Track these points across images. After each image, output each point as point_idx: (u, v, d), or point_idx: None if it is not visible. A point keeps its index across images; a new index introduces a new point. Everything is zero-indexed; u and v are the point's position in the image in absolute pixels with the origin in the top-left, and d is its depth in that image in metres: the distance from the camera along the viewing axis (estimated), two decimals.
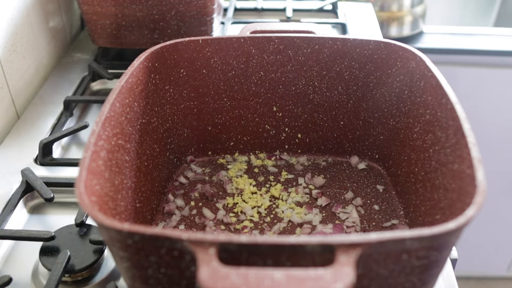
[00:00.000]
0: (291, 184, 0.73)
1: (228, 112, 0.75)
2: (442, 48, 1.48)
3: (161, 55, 0.67)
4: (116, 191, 0.53)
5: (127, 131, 0.59)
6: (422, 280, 0.44)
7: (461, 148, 0.51)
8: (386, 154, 0.73)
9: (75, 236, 0.62)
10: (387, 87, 0.70)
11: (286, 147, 0.78)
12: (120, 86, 0.58)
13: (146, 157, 0.64)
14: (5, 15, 0.86)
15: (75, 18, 1.17)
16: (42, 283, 0.59)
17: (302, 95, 0.74)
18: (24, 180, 0.71)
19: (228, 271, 0.36)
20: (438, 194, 0.55)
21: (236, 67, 0.72)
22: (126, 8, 0.93)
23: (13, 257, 0.64)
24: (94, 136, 0.50)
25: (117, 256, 0.45)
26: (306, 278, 0.35)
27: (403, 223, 0.66)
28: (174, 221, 0.67)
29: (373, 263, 0.41)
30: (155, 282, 0.44)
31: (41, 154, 0.77)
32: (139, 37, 0.97)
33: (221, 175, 0.74)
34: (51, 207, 0.72)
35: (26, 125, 0.86)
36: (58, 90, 0.95)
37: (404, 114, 0.68)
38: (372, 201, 0.70)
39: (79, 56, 1.07)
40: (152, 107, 0.67)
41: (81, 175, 0.45)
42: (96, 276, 0.60)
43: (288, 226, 0.66)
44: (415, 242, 0.39)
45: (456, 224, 0.40)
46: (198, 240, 0.37)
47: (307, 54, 0.71)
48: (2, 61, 0.85)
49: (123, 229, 0.39)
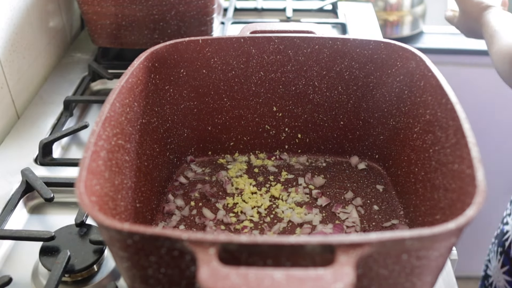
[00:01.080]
0: (291, 184, 0.73)
1: (228, 112, 0.75)
2: (442, 48, 1.48)
3: (161, 55, 0.67)
4: (116, 191, 0.53)
5: (127, 131, 0.59)
6: (422, 280, 0.44)
7: (461, 148, 0.51)
8: (386, 154, 0.73)
9: (75, 236, 0.62)
10: (387, 87, 0.70)
11: (286, 147, 0.78)
12: (120, 86, 0.58)
13: (146, 157, 0.64)
14: (5, 15, 0.86)
15: (75, 18, 1.17)
16: (42, 283, 0.59)
17: (302, 95, 0.74)
18: (24, 180, 0.71)
19: (228, 271, 0.36)
20: (438, 194, 0.55)
21: (236, 67, 0.72)
22: (126, 8, 0.93)
23: (13, 257, 0.64)
24: (94, 136, 0.50)
25: (117, 256, 0.45)
26: (306, 278, 0.35)
27: (403, 223, 0.66)
28: (174, 221, 0.67)
29: (373, 263, 0.41)
30: (155, 282, 0.44)
31: (41, 154, 0.77)
32: (139, 37, 0.97)
33: (221, 175, 0.74)
34: (51, 207, 0.72)
35: (26, 125, 0.86)
36: (58, 90, 0.95)
37: (404, 114, 0.68)
38: (372, 201, 0.70)
39: (79, 56, 1.07)
40: (152, 107, 0.67)
41: (81, 175, 0.45)
42: (96, 276, 0.60)
43: (288, 226, 0.66)
44: (415, 242, 0.39)
45: (456, 224, 0.40)
46: (198, 240, 0.37)
47: (307, 54, 0.71)
48: (2, 61, 0.85)
49: (123, 229, 0.39)
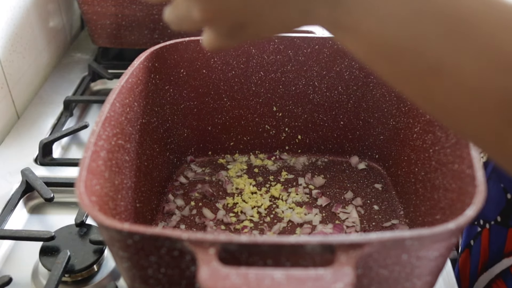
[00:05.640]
0: (291, 184, 0.73)
1: (228, 112, 0.75)
2: None
3: (161, 55, 0.67)
4: (116, 191, 0.53)
5: (127, 131, 0.59)
6: (422, 280, 0.44)
7: (461, 148, 0.51)
8: (386, 154, 0.73)
9: (75, 236, 0.62)
10: (387, 87, 0.70)
11: (286, 147, 0.78)
12: (120, 86, 0.58)
13: (146, 157, 0.64)
14: (5, 15, 0.86)
15: (75, 18, 1.17)
16: (42, 283, 0.59)
17: (302, 95, 0.74)
18: (24, 180, 0.71)
19: (228, 271, 0.36)
20: (438, 194, 0.55)
21: (236, 67, 0.72)
22: (126, 8, 0.93)
23: (13, 257, 0.64)
24: (94, 136, 0.50)
25: (117, 256, 0.45)
26: (306, 278, 0.35)
27: (403, 223, 0.66)
28: (174, 221, 0.67)
29: (373, 263, 0.41)
30: (155, 282, 0.44)
31: (41, 154, 0.77)
32: (139, 37, 0.97)
33: (221, 175, 0.74)
34: (51, 207, 0.72)
35: (26, 125, 0.86)
36: (58, 90, 0.95)
37: (404, 114, 0.68)
38: (372, 201, 0.70)
39: (79, 56, 1.07)
40: (152, 107, 0.67)
41: (81, 175, 0.45)
42: (96, 276, 0.60)
43: (288, 226, 0.66)
44: (415, 242, 0.39)
45: (456, 224, 0.40)
46: (198, 240, 0.37)
47: (307, 54, 0.71)
48: (2, 61, 0.85)
49: (123, 229, 0.39)
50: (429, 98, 0.33)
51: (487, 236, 0.69)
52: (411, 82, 0.33)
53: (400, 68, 0.33)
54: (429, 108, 0.34)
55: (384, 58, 0.33)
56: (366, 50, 0.34)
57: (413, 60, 0.32)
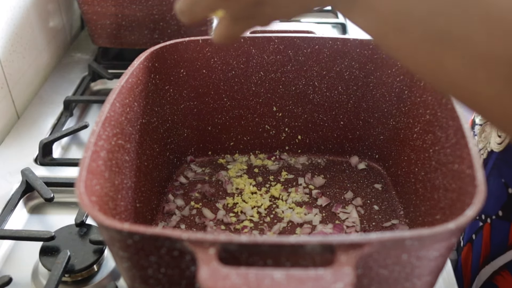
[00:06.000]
0: (291, 184, 0.73)
1: (228, 112, 0.75)
2: None
3: (161, 55, 0.67)
4: (116, 191, 0.53)
5: (127, 131, 0.59)
6: (422, 280, 0.44)
7: (461, 148, 0.51)
8: (386, 154, 0.73)
9: (75, 236, 0.62)
10: (387, 87, 0.70)
11: (286, 147, 0.78)
12: (120, 86, 0.58)
13: (146, 157, 0.64)
14: (5, 15, 0.86)
15: (75, 18, 1.17)
16: (42, 283, 0.59)
17: (302, 95, 0.74)
18: (24, 180, 0.71)
19: (228, 271, 0.36)
20: (438, 194, 0.55)
21: (236, 67, 0.72)
22: (126, 8, 0.93)
23: (13, 257, 0.64)
24: (94, 136, 0.50)
25: (117, 256, 0.45)
26: (306, 278, 0.35)
27: (403, 223, 0.66)
28: (174, 221, 0.67)
29: (373, 263, 0.41)
30: (155, 282, 0.44)
31: (41, 154, 0.77)
32: (139, 37, 0.97)
33: (221, 175, 0.74)
34: (51, 207, 0.72)
35: (26, 125, 0.86)
36: (58, 90, 0.95)
37: (404, 114, 0.68)
38: (372, 201, 0.70)
39: (79, 56, 1.07)
40: (152, 107, 0.67)
41: (81, 175, 0.45)
42: (96, 276, 0.60)
43: (288, 226, 0.66)
44: (415, 242, 0.39)
45: (456, 224, 0.40)
46: (198, 240, 0.37)
47: (307, 54, 0.71)
48: (2, 61, 0.85)
49: (123, 229, 0.39)
50: (438, 67, 0.33)
51: (489, 230, 0.70)
52: (420, 52, 0.34)
53: (410, 38, 0.34)
54: (437, 78, 0.34)
55: (396, 30, 0.34)
56: (380, 23, 0.35)
57: (424, 29, 0.33)
